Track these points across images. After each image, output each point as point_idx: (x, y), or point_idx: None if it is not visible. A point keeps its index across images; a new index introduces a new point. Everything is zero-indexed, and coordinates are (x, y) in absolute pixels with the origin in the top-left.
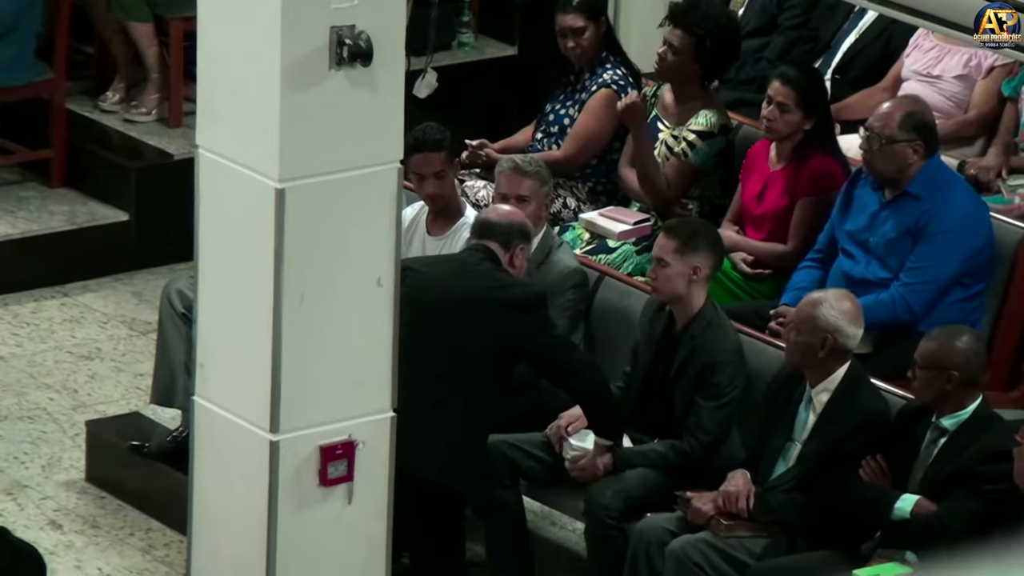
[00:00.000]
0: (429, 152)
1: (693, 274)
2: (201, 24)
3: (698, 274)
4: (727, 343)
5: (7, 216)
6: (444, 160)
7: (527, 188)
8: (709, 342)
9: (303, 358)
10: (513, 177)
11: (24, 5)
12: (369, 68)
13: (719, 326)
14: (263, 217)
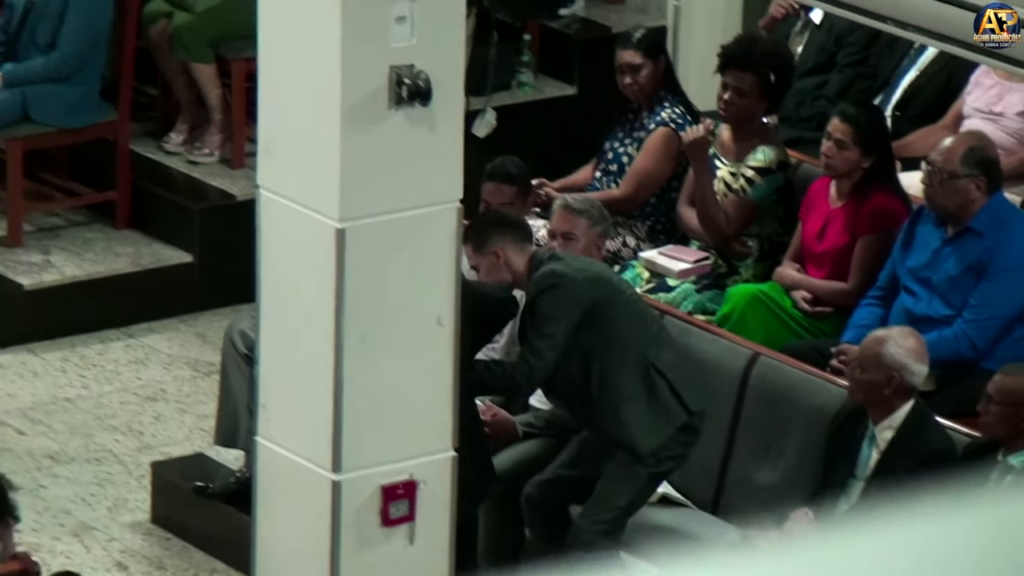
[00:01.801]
0: (500, 183)
1: (497, 259)
2: (262, 65)
3: (501, 257)
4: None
5: (74, 258)
6: (514, 194)
7: (575, 226)
8: (534, 283)
9: (364, 398)
10: (563, 215)
11: (89, 47)
12: (428, 107)
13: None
14: (324, 257)
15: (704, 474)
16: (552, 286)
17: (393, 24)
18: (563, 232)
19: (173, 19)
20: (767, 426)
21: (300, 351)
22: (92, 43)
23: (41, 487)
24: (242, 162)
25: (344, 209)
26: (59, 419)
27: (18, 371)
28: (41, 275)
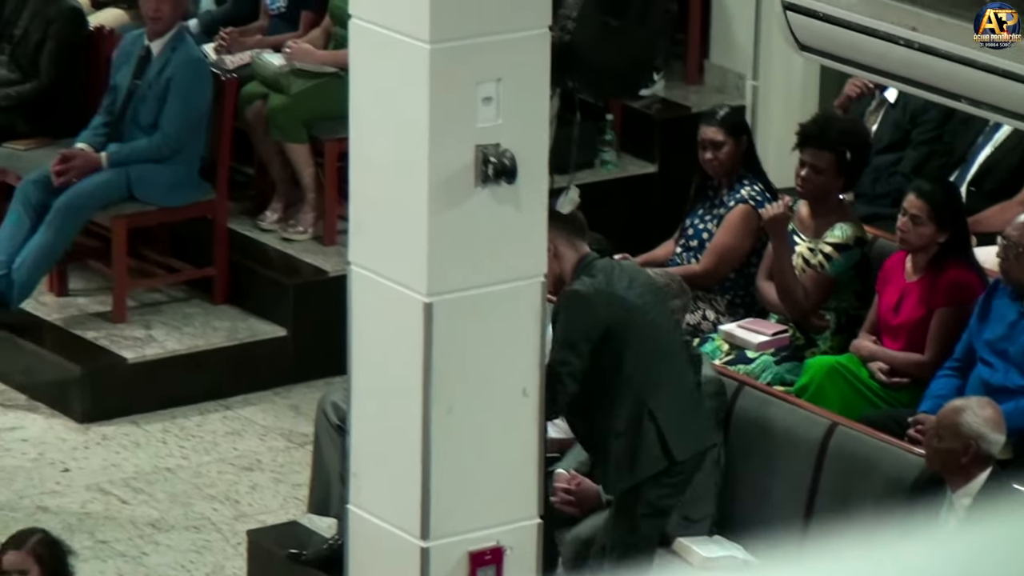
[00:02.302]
0: None
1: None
2: (353, 145)
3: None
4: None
5: (174, 332)
6: None
7: None
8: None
9: (452, 467)
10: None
11: (189, 129)
12: (513, 185)
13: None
14: (412, 330)
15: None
16: (570, 306)
17: (480, 105)
18: None
19: (269, 101)
20: (846, 494)
21: (390, 422)
22: (192, 125)
23: (143, 554)
24: (334, 239)
25: (432, 284)
26: (160, 488)
27: (121, 442)
28: (144, 349)
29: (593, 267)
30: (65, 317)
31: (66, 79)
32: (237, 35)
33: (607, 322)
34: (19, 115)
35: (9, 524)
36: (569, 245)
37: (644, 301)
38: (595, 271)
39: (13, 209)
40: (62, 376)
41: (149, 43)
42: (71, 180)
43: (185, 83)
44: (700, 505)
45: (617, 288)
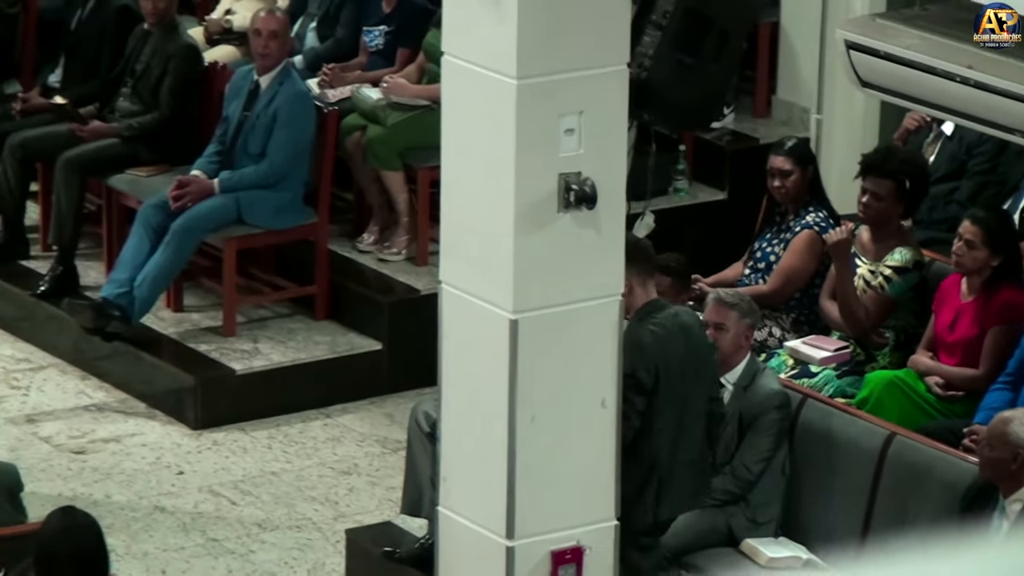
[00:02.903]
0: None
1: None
2: (445, 173)
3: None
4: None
5: (279, 346)
6: (668, 284)
7: (726, 318)
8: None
9: (535, 472)
10: (716, 307)
11: (294, 158)
12: (593, 211)
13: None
14: (498, 345)
15: (846, 542)
16: (631, 348)
17: (562, 136)
18: (715, 323)
19: (367, 132)
20: (902, 499)
21: (477, 429)
22: (297, 154)
23: (250, 552)
24: (426, 260)
25: (517, 302)
26: (266, 490)
27: (231, 447)
28: (251, 361)
29: (654, 316)
30: (180, 331)
31: (183, 111)
32: (339, 71)
33: (656, 374)
34: (141, 144)
35: (129, 523)
36: (641, 284)
37: (686, 363)
38: (655, 321)
39: (135, 231)
40: (177, 386)
41: (258, 78)
42: (187, 204)
43: (291, 115)
44: (766, 508)
45: (668, 345)
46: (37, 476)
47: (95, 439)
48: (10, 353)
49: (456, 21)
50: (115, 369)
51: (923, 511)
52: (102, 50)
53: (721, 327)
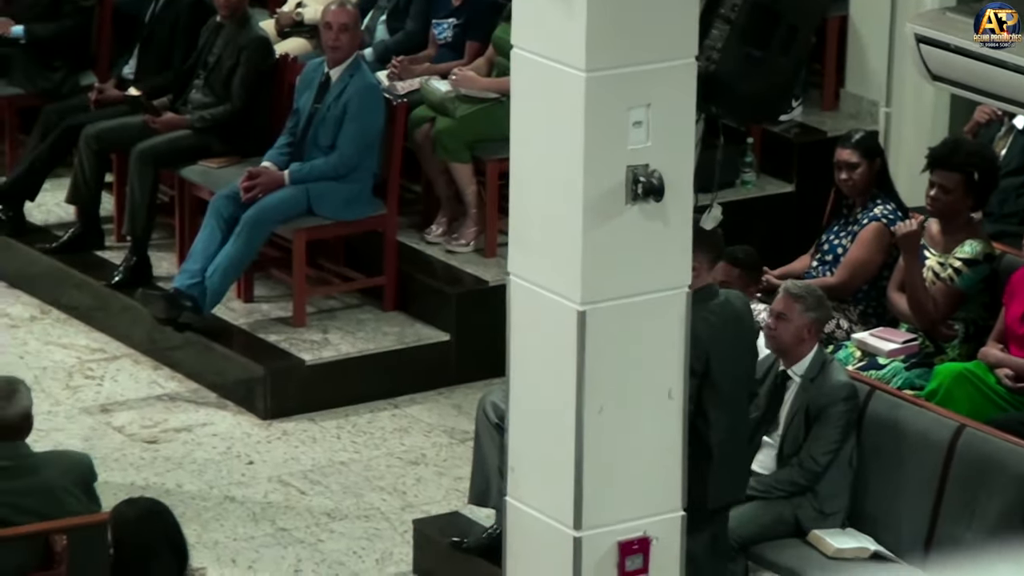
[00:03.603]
0: (727, 263)
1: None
2: (513, 165)
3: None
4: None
5: (348, 336)
6: (737, 275)
7: (791, 309)
8: None
9: (602, 462)
10: (783, 297)
11: (364, 150)
12: (661, 203)
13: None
14: (566, 336)
15: (913, 533)
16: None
17: (631, 128)
18: (778, 312)
19: (436, 124)
20: (971, 491)
21: (545, 420)
22: (366, 146)
23: (319, 541)
24: (494, 251)
25: (585, 293)
26: (335, 480)
27: (300, 437)
28: (320, 352)
29: (707, 303)
30: (251, 322)
31: (254, 103)
32: (408, 63)
33: (707, 360)
34: (213, 136)
35: (200, 513)
36: (706, 268)
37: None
38: (708, 309)
39: (207, 222)
40: (248, 376)
41: (329, 70)
42: (257, 196)
43: (360, 107)
44: (834, 500)
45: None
46: (110, 466)
47: (167, 429)
48: (85, 343)
49: (525, 14)
50: (187, 359)
51: (992, 503)
52: (175, 42)
53: (783, 317)
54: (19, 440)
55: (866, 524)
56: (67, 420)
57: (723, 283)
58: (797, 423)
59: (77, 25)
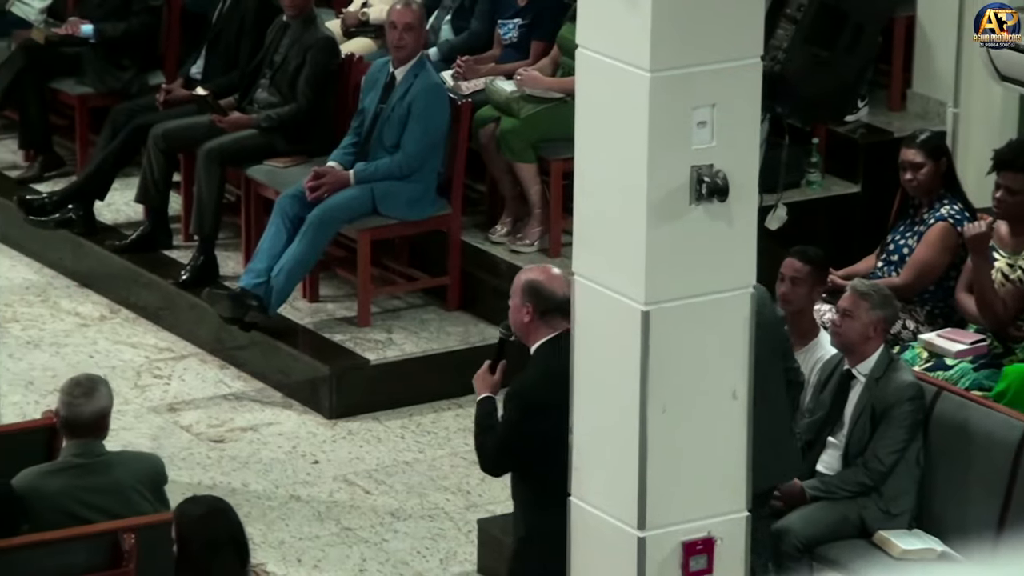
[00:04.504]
0: (796, 259)
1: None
2: (578, 165)
3: None
4: None
5: (411, 336)
6: (807, 272)
7: (857, 306)
8: None
9: (666, 463)
10: (850, 295)
11: (428, 149)
12: (725, 203)
13: None
14: (630, 336)
15: (981, 535)
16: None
17: (695, 128)
18: (844, 309)
19: (500, 124)
20: None
21: (609, 420)
22: (431, 146)
23: (384, 540)
24: (558, 251)
25: (649, 293)
26: (399, 480)
27: (364, 437)
28: (385, 351)
29: None
30: (316, 321)
31: (320, 103)
32: (473, 63)
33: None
34: (279, 135)
35: (266, 512)
36: None
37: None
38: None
39: (272, 222)
40: (313, 375)
41: (394, 70)
42: (323, 195)
43: (425, 107)
44: (900, 500)
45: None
46: (177, 465)
47: (233, 428)
48: (153, 342)
49: (590, 14)
50: (253, 359)
51: None
52: (242, 42)
53: (849, 314)
54: (95, 438)
55: (933, 525)
56: (135, 419)
57: (792, 279)
58: (863, 423)
59: (146, 24)
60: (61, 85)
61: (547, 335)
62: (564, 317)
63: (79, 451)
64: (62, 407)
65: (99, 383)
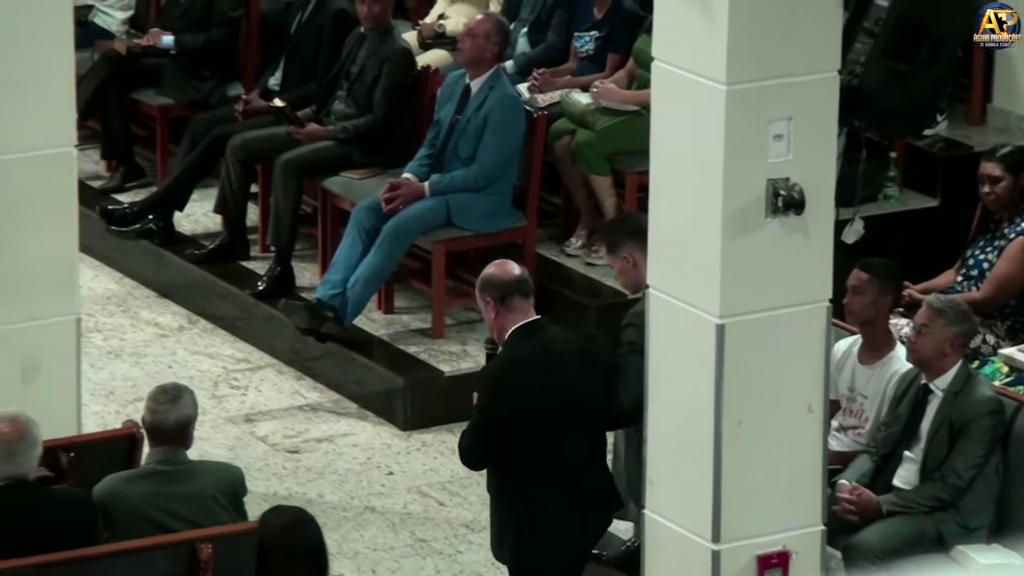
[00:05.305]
0: (858, 269)
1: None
2: (653, 177)
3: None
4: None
5: None
6: (864, 279)
7: (931, 322)
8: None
9: (741, 476)
10: (925, 310)
11: (504, 162)
12: (801, 216)
13: None
14: (705, 349)
15: None
16: (638, 318)
17: (771, 142)
18: (920, 324)
19: (576, 137)
20: None
21: (683, 433)
22: (506, 158)
23: (458, 552)
24: None
25: (724, 307)
26: (472, 491)
27: (439, 448)
28: (459, 363)
29: None
30: (391, 333)
31: (396, 114)
32: (549, 75)
33: None
34: (355, 147)
35: (341, 523)
36: (645, 258)
37: None
38: None
39: (348, 233)
40: (388, 387)
41: (469, 82)
42: (398, 207)
43: (501, 119)
44: (978, 515)
45: None
46: (253, 475)
47: (309, 439)
48: (230, 353)
49: (667, 27)
50: (328, 369)
51: None
52: (319, 53)
53: (924, 330)
54: (178, 447)
55: (1012, 540)
56: (212, 429)
57: (853, 288)
58: (940, 437)
59: (225, 36)
60: (142, 96)
61: (516, 322)
62: (524, 297)
63: (162, 458)
64: (147, 414)
65: (184, 392)
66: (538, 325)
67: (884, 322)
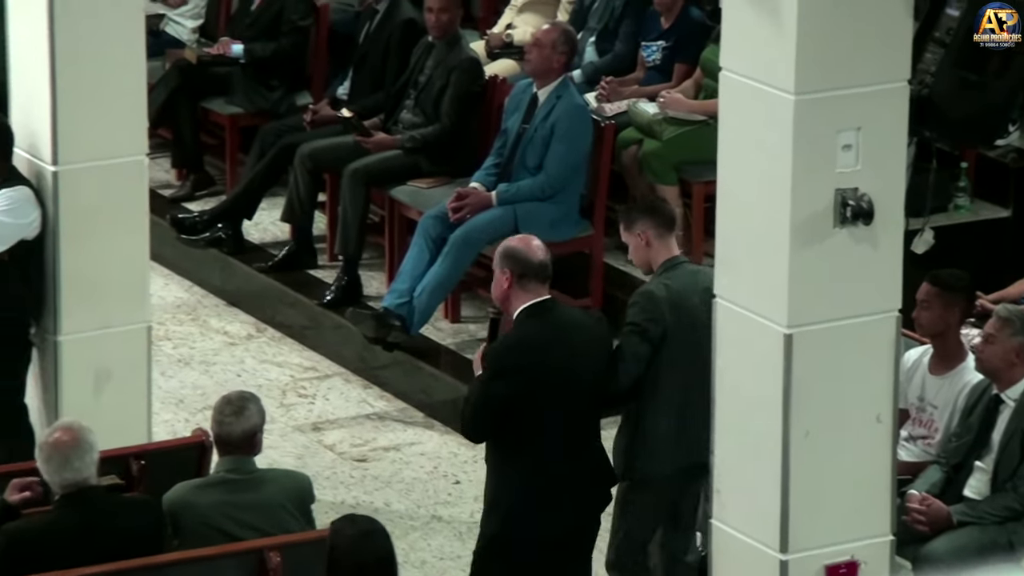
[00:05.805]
0: (926, 282)
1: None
2: (721, 187)
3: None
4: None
5: None
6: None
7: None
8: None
9: (809, 486)
10: (993, 319)
11: (571, 171)
12: (870, 226)
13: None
14: (772, 359)
15: None
16: (642, 301)
17: (840, 151)
18: (987, 334)
19: (643, 146)
20: None
21: (750, 443)
22: (573, 167)
23: None
24: None
25: (792, 316)
26: None
27: None
28: None
29: (673, 271)
30: (458, 342)
31: (464, 123)
32: (616, 85)
33: (666, 325)
34: (422, 156)
35: (408, 532)
36: (657, 237)
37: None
38: (673, 276)
39: (415, 242)
40: (455, 396)
41: (537, 91)
42: (465, 216)
43: (568, 128)
44: None
45: (685, 299)
46: (321, 484)
47: (376, 447)
48: (298, 361)
49: (735, 36)
50: (395, 378)
51: None
52: (387, 63)
53: (991, 339)
54: (246, 455)
55: None
56: (280, 438)
57: (921, 302)
58: (1012, 447)
59: (294, 45)
60: (212, 105)
61: (526, 301)
62: (542, 283)
63: (231, 467)
64: (214, 425)
65: (249, 401)
66: (546, 306)
67: (954, 333)
